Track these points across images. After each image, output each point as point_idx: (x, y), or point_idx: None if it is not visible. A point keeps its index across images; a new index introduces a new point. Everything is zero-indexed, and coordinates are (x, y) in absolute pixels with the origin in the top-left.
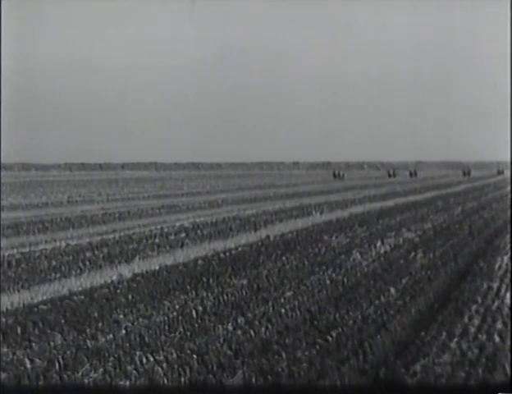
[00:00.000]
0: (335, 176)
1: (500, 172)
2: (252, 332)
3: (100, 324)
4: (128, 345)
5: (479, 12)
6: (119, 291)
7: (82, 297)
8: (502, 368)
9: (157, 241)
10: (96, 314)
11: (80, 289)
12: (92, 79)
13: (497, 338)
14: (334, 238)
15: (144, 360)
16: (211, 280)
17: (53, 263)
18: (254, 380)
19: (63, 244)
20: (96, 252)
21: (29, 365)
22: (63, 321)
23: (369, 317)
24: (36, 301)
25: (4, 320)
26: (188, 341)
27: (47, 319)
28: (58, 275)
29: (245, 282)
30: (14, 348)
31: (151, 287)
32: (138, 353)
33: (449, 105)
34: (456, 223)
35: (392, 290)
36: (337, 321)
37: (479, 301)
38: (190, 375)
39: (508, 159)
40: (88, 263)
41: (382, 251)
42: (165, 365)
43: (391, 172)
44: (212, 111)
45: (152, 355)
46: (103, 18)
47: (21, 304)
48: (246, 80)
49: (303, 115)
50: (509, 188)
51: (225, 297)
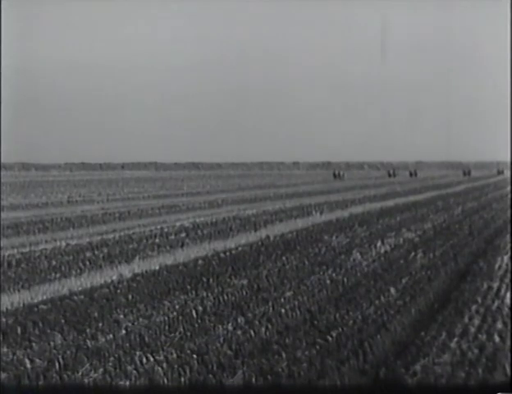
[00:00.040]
0: (335, 176)
1: (500, 172)
2: (252, 332)
3: (100, 324)
4: (128, 345)
5: (479, 12)
6: (119, 291)
7: (82, 297)
8: (502, 368)
9: (157, 241)
10: (96, 314)
11: (80, 289)
12: (92, 79)
13: (497, 338)
14: (334, 238)
15: (144, 360)
16: (211, 280)
17: (53, 263)
18: (254, 380)
19: (63, 244)
20: (96, 252)
21: (29, 365)
22: (63, 321)
23: (369, 317)
24: (36, 301)
25: (4, 320)
26: (188, 341)
27: (47, 319)
28: (58, 275)
29: (245, 282)
30: (14, 348)
31: (151, 287)
32: (138, 353)
33: (449, 105)
34: (456, 223)
35: (392, 290)
36: (337, 321)
37: (479, 301)
38: (190, 375)
39: (508, 159)
40: (88, 263)
41: (382, 251)
42: (165, 365)
43: (391, 172)
44: (212, 111)
45: (152, 355)
46: (103, 18)
47: (21, 304)
48: (246, 80)
49: (303, 115)
50: (509, 188)
51: (225, 297)
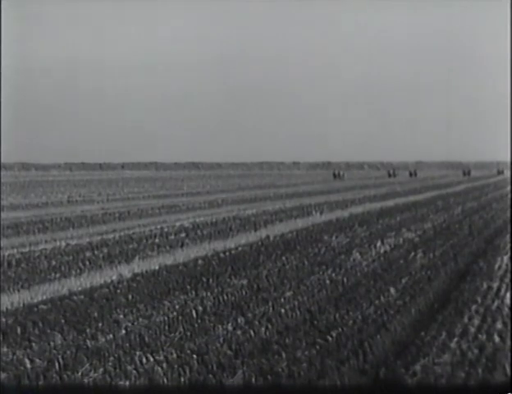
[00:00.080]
0: (335, 176)
1: (500, 172)
2: (252, 332)
3: (100, 324)
4: (128, 345)
5: (479, 12)
6: (119, 291)
7: (82, 297)
8: (502, 368)
9: (157, 241)
10: (96, 314)
11: (80, 289)
12: (92, 79)
13: (497, 338)
14: (334, 238)
15: (144, 360)
16: (211, 280)
17: (53, 263)
18: (254, 380)
19: (63, 244)
20: (96, 252)
21: (29, 365)
22: (63, 321)
23: (369, 317)
24: (36, 301)
25: (4, 320)
26: (188, 341)
27: (47, 319)
28: (58, 275)
29: (245, 282)
30: (14, 348)
31: (151, 287)
32: (138, 353)
33: (449, 105)
34: (456, 223)
35: (392, 290)
36: (337, 321)
37: (479, 301)
38: (190, 375)
39: (508, 159)
40: (88, 263)
41: (382, 251)
42: (165, 365)
43: (391, 172)
44: (212, 111)
45: (152, 355)
46: (104, 18)
47: (21, 304)
48: (246, 80)
49: (303, 115)
50: (509, 188)
51: (225, 297)
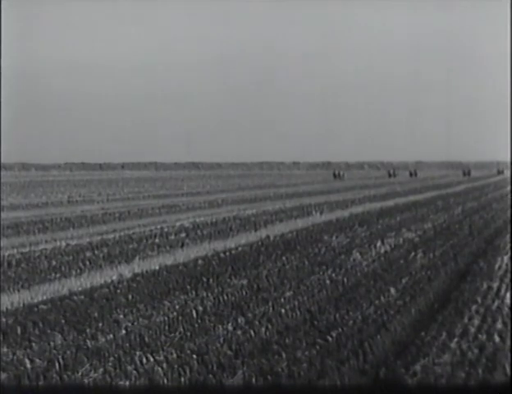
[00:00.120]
0: (335, 176)
1: (500, 172)
2: (252, 332)
3: (100, 324)
4: (128, 345)
5: (479, 12)
6: (119, 291)
7: (82, 297)
8: (502, 368)
9: (157, 241)
10: (96, 314)
11: (80, 289)
12: (92, 79)
13: (497, 338)
14: (334, 238)
15: (144, 360)
16: (211, 280)
17: (53, 263)
18: (254, 380)
19: (63, 244)
20: (96, 252)
21: (29, 365)
22: (63, 321)
23: (369, 317)
24: (36, 301)
25: (4, 320)
26: (188, 341)
27: (47, 319)
28: (58, 275)
29: (245, 282)
30: (14, 348)
31: (151, 287)
32: (138, 353)
33: (449, 105)
34: (456, 223)
35: (392, 290)
36: (337, 321)
37: (479, 301)
38: (190, 375)
39: (508, 159)
40: (88, 263)
41: (382, 251)
42: (165, 365)
43: (391, 172)
44: (212, 111)
45: (152, 355)
46: (103, 18)
47: (21, 304)
48: (246, 80)
49: (303, 115)
50: (509, 188)
51: (225, 297)
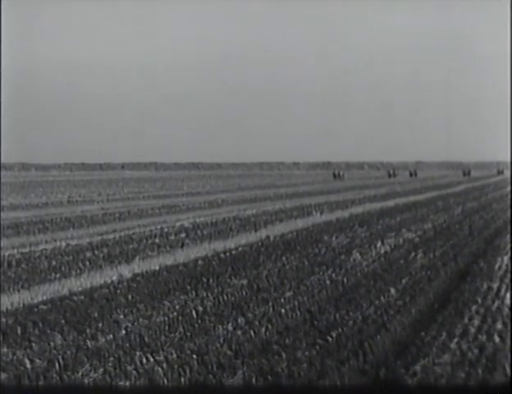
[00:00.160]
0: (335, 176)
1: (500, 172)
2: (252, 333)
3: (100, 324)
4: (128, 345)
5: (479, 12)
6: (119, 291)
7: (82, 297)
8: (502, 368)
9: (157, 241)
10: (96, 314)
11: (80, 289)
12: (92, 79)
13: (497, 338)
14: (334, 238)
15: (144, 360)
16: (211, 280)
17: (53, 263)
18: (254, 380)
19: (63, 244)
20: (96, 252)
21: (29, 365)
22: (63, 321)
23: (369, 317)
24: (36, 301)
25: (4, 320)
26: (188, 342)
27: (47, 319)
28: (58, 275)
29: (245, 282)
30: (14, 348)
31: (151, 287)
32: (138, 353)
33: (449, 105)
34: (456, 223)
35: (392, 290)
36: (337, 321)
37: (479, 301)
38: (190, 375)
39: (508, 159)
40: (88, 263)
41: (382, 251)
42: (165, 365)
43: (391, 172)
44: (212, 111)
45: (152, 356)
46: (103, 18)
47: (21, 304)
48: (246, 80)
49: (303, 115)
50: (509, 188)
51: (225, 297)
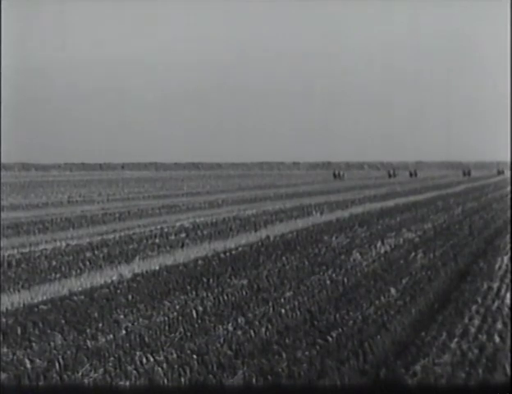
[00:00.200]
0: (335, 176)
1: (500, 172)
2: (252, 333)
3: (100, 324)
4: (128, 345)
5: (479, 12)
6: (119, 291)
7: (82, 297)
8: (502, 368)
9: (157, 241)
10: (96, 314)
11: (80, 289)
12: (92, 79)
13: (497, 338)
14: (334, 238)
15: (144, 360)
16: (211, 280)
17: (53, 263)
18: (254, 380)
19: (63, 244)
20: (96, 252)
21: (29, 365)
22: (63, 321)
23: (369, 317)
24: (36, 301)
25: (4, 320)
26: (188, 342)
27: (47, 319)
28: (58, 275)
29: (245, 282)
30: (14, 348)
31: (151, 287)
32: (138, 353)
33: (449, 105)
34: (456, 223)
35: (392, 290)
36: (337, 321)
37: (479, 301)
38: (190, 375)
39: (508, 159)
40: (88, 263)
41: (382, 251)
42: (165, 365)
43: (391, 172)
44: (212, 111)
45: (152, 356)
46: (104, 18)
47: (21, 304)
48: (246, 80)
49: (303, 115)
50: (509, 188)
51: (225, 297)
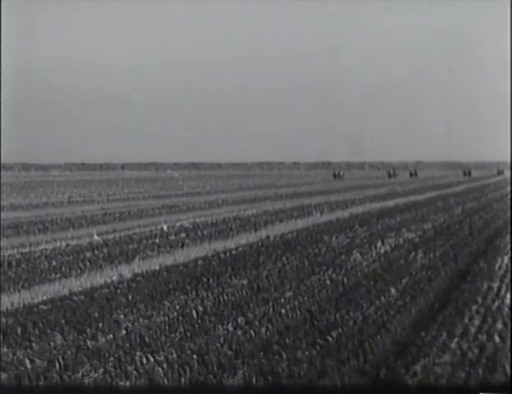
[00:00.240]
0: (335, 176)
1: (500, 172)
2: (252, 333)
3: (100, 324)
4: (128, 345)
5: (479, 12)
6: (119, 291)
7: (82, 297)
8: (502, 368)
9: (157, 241)
10: (96, 314)
11: (80, 289)
12: (92, 79)
13: (497, 338)
14: (334, 238)
15: (145, 361)
16: (211, 280)
17: (53, 263)
18: (254, 380)
19: (63, 244)
20: (96, 252)
21: (29, 365)
22: (63, 321)
23: (369, 317)
24: (36, 301)
25: (4, 320)
26: (188, 342)
27: (47, 319)
28: (58, 275)
29: (245, 282)
30: (14, 348)
31: (151, 287)
32: (138, 353)
33: (449, 105)
34: (456, 223)
35: (392, 290)
36: (337, 321)
37: (479, 301)
38: (190, 375)
39: (508, 159)
40: (88, 263)
41: (383, 251)
42: (165, 365)
43: (391, 172)
44: (212, 111)
45: (152, 356)
46: (103, 18)
47: (21, 304)
48: (246, 80)
49: (303, 115)
50: (509, 188)
51: (225, 297)
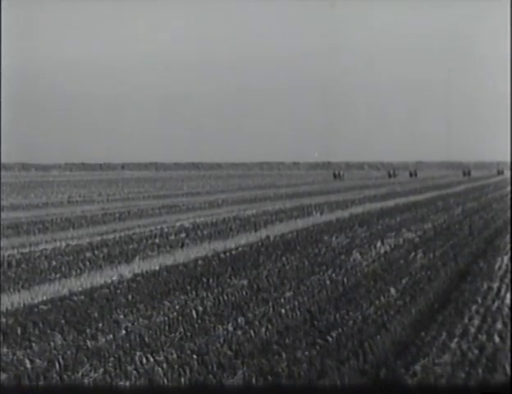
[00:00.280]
0: (335, 176)
1: (500, 172)
2: (252, 333)
3: (100, 324)
4: (128, 345)
5: (479, 12)
6: (119, 291)
7: (82, 297)
8: (502, 368)
9: (157, 241)
10: (96, 314)
11: (80, 289)
12: (92, 79)
13: (497, 338)
14: (334, 238)
15: (144, 361)
16: (211, 280)
17: (53, 263)
18: (254, 380)
19: (63, 244)
20: (96, 252)
21: (29, 365)
22: (63, 321)
23: (369, 317)
24: (36, 301)
25: (4, 320)
26: (188, 342)
27: (47, 319)
28: (58, 275)
29: (245, 283)
30: (14, 348)
31: (151, 287)
32: (138, 353)
33: (449, 105)
34: (456, 223)
35: (392, 290)
36: (337, 321)
37: (479, 301)
38: (190, 375)
39: (508, 159)
40: (88, 264)
41: (382, 251)
42: (165, 366)
43: (391, 172)
44: (212, 111)
45: (152, 356)
46: (103, 18)
47: (21, 304)
48: (246, 81)
49: (303, 115)
50: (509, 188)
51: (225, 297)
